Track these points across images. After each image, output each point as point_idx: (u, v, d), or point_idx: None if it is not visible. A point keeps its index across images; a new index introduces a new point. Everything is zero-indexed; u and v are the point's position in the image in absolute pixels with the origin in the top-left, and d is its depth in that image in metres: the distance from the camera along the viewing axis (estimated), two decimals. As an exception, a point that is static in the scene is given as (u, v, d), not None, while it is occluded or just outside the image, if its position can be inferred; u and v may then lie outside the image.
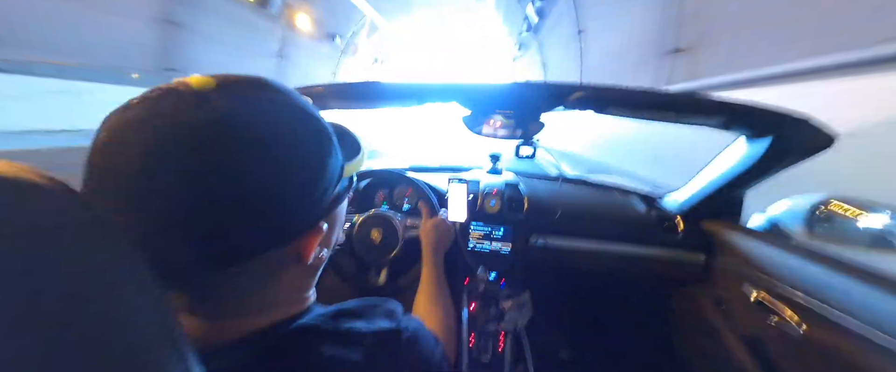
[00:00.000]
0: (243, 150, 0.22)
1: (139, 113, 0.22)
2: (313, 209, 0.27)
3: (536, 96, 0.68)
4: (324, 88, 0.68)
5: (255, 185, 0.23)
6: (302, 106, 0.27)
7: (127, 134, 0.22)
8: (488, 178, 1.15)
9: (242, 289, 0.27)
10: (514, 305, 0.90)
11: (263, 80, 0.27)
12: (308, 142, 0.26)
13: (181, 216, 0.21)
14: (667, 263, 0.98)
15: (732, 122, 0.64)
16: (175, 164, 0.21)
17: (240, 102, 0.23)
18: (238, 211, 0.23)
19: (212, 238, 0.22)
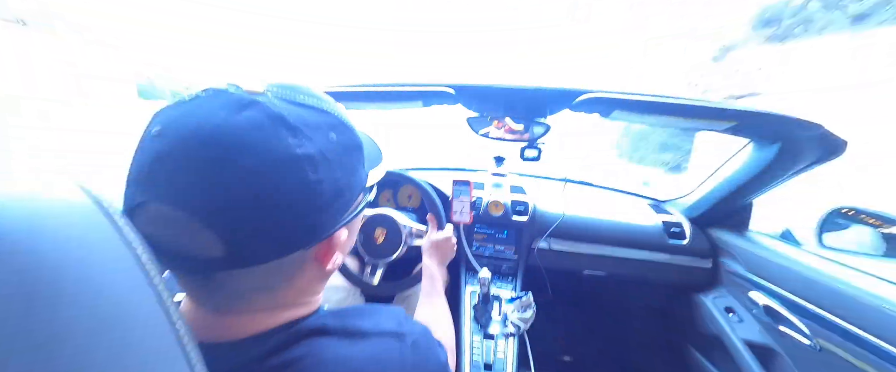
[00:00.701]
0: (283, 155, 0.23)
1: (190, 109, 0.23)
2: (339, 217, 0.28)
3: (543, 99, 0.68)
4: (325, 91, 0.69)
5: (290, 190, 0.23)
6: (342, 118, 0.28)
7: (176, 129, 0.23)
8: (493, 181, 1.15)
9: (257, 288, 0.27)
10: (517, 307, 0.89)
11: (309, 89, 0.28)
12: (343, 154, 0.27)
13: (221, 215, 0.22)
14: (673, 269, 0.96)
15: (741, 127, 0.63)
16: (217, 162, 0.22)
17: (287, 109, 0.24)
18: (271, 214, 0.23)
19: (241, 238, 0.23)
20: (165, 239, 0.22)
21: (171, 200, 0.22)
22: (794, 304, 0.71)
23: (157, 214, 0.22)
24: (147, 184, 0.22)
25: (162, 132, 0.23)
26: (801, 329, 0.68)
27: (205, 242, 0.22)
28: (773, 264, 0.78)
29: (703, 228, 1.01)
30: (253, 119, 0.23)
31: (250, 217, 0.23)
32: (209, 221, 0.22)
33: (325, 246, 0.29)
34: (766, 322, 0.77)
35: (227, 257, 0.23)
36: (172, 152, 0.22)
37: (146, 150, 0.23)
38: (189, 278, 0.26)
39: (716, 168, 0.93)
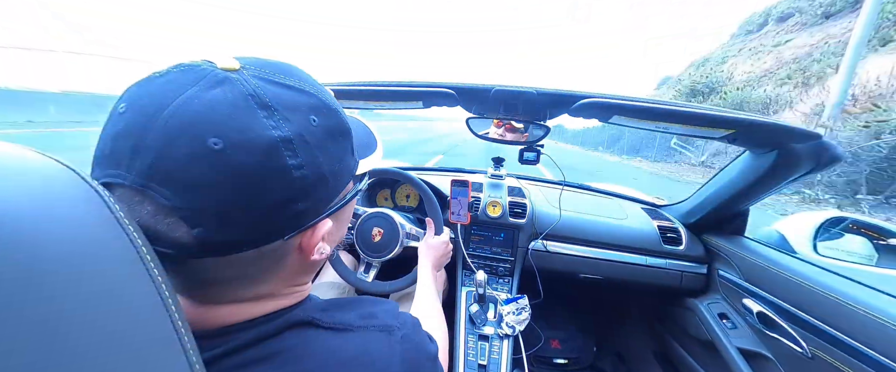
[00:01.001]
0: (257, 136, 0.21)
1: (159, 85, 0.22)
2: (323, 205, 0.27)
3: (542, 102, 0.68)
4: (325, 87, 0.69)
5: (264, 174, 0.22)
6: (326, 101, 0.26)
7: (140, 105, 0.21)
8: (491, 182, 1.15)
9: (234, 278, 0.26)
10: (512, 309, 0.89)
11: (290, 67, 0.26)
12: (327, 139, 0.25)
13: (190, 197, 0.21)
14: (668, 274, 0.97)
15: (738, 135, 0.64)
16: (186, 140, 0.20)
17: (263, 87, 0.23)
18: (242, 200, 0.22)
19: (210, 224, 0.21)
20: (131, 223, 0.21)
21: (134, 180, 0.20)
22: (788, 311, 0.71)
23: (122, 196, 0.21)
24: (110, 163, 0.21)
25: (127, 108, 0.21)
26: (794, 337, 0.69)
27: (172, 226, 0.21)
28: (768, 272, 0.78)
29: (699, 234, 1.01)
30: (224, 96, 0.21)
31: (220, 202, 0.21)
32: (175, 204, 0.20)
33: (308, 236, 0.27)
34: (760, 329, 0.77)
35: (198, 245, 0.22)
36: (134, 129, 0.20)
37: (110, 128, 0.21)
38: (163, 266, 0.25)
39: (713, 175, 0.93)
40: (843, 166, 5.04)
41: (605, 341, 1.33)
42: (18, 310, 0.13)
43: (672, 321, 1.08)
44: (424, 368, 0.33)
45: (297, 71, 0.26)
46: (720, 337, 0.83)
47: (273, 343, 0.27)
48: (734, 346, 0.80)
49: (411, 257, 0.81)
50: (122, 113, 0.21)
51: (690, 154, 6.07)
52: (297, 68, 0.27)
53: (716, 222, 0.98)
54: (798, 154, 0.65)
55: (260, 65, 0.24)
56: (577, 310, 1.41)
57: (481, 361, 0.83)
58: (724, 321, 0.86)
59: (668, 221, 1.04)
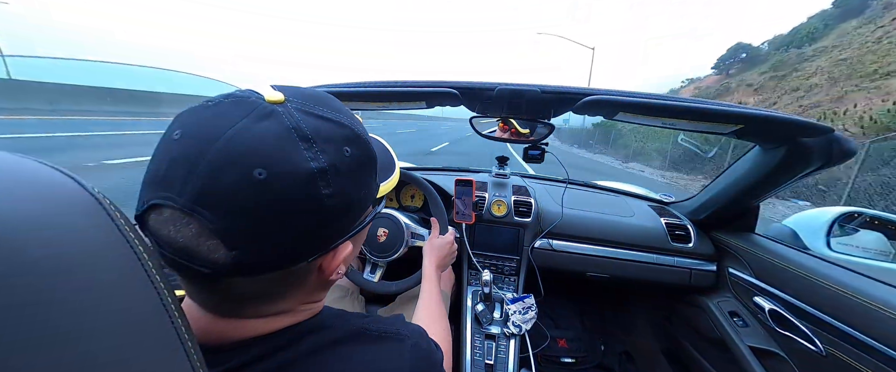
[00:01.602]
0: (297, 168, 0.23)
1: (211, 115, 0.24)
2: (348, 228, 0.28)
3: (546, 100, 0.68)
4: (329, 89, 0.69)
5: (301, 203, 0.23)
6: (358, 132, 0.28)
7: (195, 133, 0.23)
8: (495, 181, 1.15)
9: (260, 295, 0.27)
10: (518, 309, 0.89)
11: (327, 99, 0.28)
12: (356, 168, 0.27)
13: (232, 221, 0.22)
14: (676, 272, 0.95)
15: (747, 130, 0.62)
16: (233, 170, 0.22)
17: (304, 120, 0.25)
18: (279, 226, 0.23)
19: (248, 247, 0.23)
20: (175, 242, 0.23)
21: (184, 203, 0.22)
22: (801, 309, 0.70)
23: (170, 217, 0.22)
24: (162, 186, 0.22)
25: (182, 135, 0.23)
26: (808, 335, 0.67)
27: (212, 248, 0.22)
28: (780, 269, 0.77)
29: (708, 231, 1.00)
30: (271, 129, 0.23)
31: (259, 227, 0.23)
32: (218, 227, 0.22)
33: (329, 258, 0.28)
34: (772, 327, 0.76)
35: (233, 265, 0.23)
36: (189, 156, 0.22)
37: (164, 153, 0.23)
38: (194, 282, 0.26)
39: (722, 171, 0.92)
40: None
41: (613, 340, 1.32)
42: (20, 318, 0.14)
43: (681, 320, 1.06)
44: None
45: (333, 102, 0.28)
46: (731, 335, 0.82)
47: (287, 353, 0.28)
48: (746, 344, 0.79)
49: (416, 257, 0.81)
50: (177, 139, 0.23)
51: (699, 150, 5.97)
52: (332, 99, 0.29)
53: (725, 219, 0.96)
54: (809, 149, 0.63)
55: (301, 96, 0.26)
56: (584, 308, 1.40)
57: (488, 361, 0.83)
58: (734, 319, 0.85)
59: (676, 219, 1.03)
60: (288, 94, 0.26)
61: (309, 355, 0.28)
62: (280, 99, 0.25)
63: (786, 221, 0.89)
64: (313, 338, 0.30)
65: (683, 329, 1.05)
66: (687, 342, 1.03)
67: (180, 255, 0.23)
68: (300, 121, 0.24)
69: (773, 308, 0.76)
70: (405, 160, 1.38)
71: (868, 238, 0.78)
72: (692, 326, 1.00)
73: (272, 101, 0.25)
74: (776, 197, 4.87)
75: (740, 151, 2.95)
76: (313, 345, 0.29)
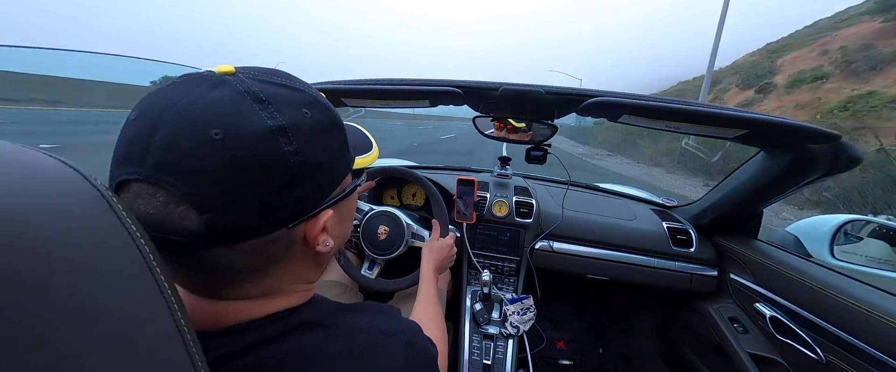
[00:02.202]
0: (254, 126, 0.23)
1: (165, 92, 0.25)
2: (322, 193, 0.28)
3: (550, 101, 0.68)
4: (332, 86, 0.69)
5: (263, 161, 0.24)
6: (315, 96, 0.29)
7: (150, 109, 0.24)
8: (497, 181, 1.15)
9: (244, 269, 0.27)
10: (516, 309, 0.89)
11: (282, 71, 0.28)
12: (320, 130, 0.27)
13: (197, 184, 0.22)
14: (677, 276, 0.95)
15: (752, 135, 0.62)
16: (190, 134, 0.22)
17: (257, 86, 0.25)
18: (245, 185, 0.23)
19: (218, 210, 0.23)
20: (147, 216, 0.23)
21: (147, 174, 0.22)
22: (802, 317, 0.69)
23: (137, 190, 0.23)
24: (125, 162, 0.23)
25: (138, 114, 0.24)
26: (809, 343, 0.67)
27: (182, 214, 0.23)
28: (782, 276, 0.76)
29: (710, 236, 0.99)
30: (223, 94, 0.24)
31: (224, 188, 0.23)
32: (184, 192, 0.22)
33: (311, 226, 0.28)
34: (772, 334, 0.75)
35: (208, 233, 0.23)
36: (145, 130, 0.23)
37: (124, 133, 0.24)
38: (175, 260, 0.25)
39: (725, 176, 0.91)
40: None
41: (612, 343, 1.32)
42: (23, 307, 0.14)
43: (681, 324, 1.06)
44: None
45: (288, 74, 0.29)
46: (731, 341, 0.81)
47: (280, 344, 0.28)
48: (745, 351, 0.78)
49: (415, 257, 0.81)
50: (134, 118, 0.24)
51: (703, 155, 5.90)
52: (287, 72, 0.29)
53: (728, 224, 0.95)
54: (815, 155, 0.63)
55: (253, 69, 0.27)
56: (584, 311, 1.40)
57: (486, 361, 0.83)
58: (735, 325, 0.84)
59: (678, 223, 1.02)
60: (240, 68, 0.26)
61: (301, 347, 0.28)
62: (231, 70, 0.26)
63: (789, 228, 0.88)
64: (306, 329, 0.29)
65: (683, 334, 1.05)
66: (686, 347, 1.03)
67: (155, 229, 0.23)
68: (253, 86, 0.25)
69: (773, 315, 0.75)
70: (421, 144, 1.37)
71: (872, 247, 0.77)
72: (692, 330, 0.99)
73: (223, 72, 0.25)
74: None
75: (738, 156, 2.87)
76: (307, 336, 0.29)
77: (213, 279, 0.27)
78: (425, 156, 8.09)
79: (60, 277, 0.15)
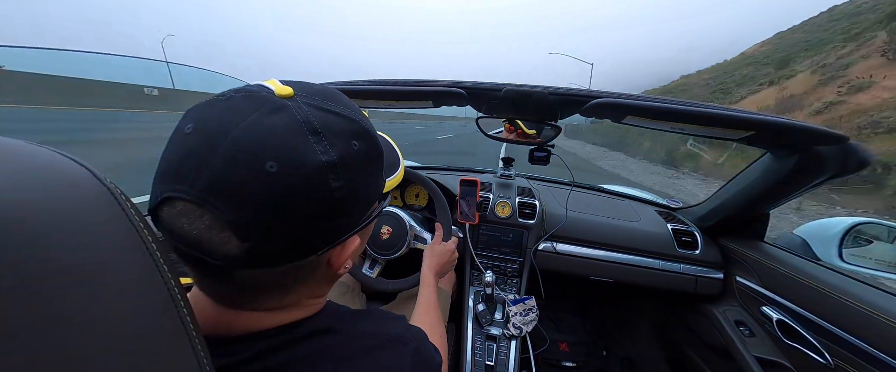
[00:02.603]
0: (308, 161, 0.23)
1: (223, 109, 0.24)
2: (356, 222, 0.28)
3: (554, 102, 0.67)
4: (338, 88, 0.70)
5: (311, 196, 0.24)
6: (366, 127, 0.28)
7: (207, 126, 0.23)
8: (500, 182, 1.15)
9: (269, 286, 0.27)
10: (519, 310, 0.89)
11: (335, 93, 0.28)
12: (364, 162, 0.27)
13: (244, 212, 0.22)
14: (682, 278, 0.94)
15: (759, 137, 0.61)
16: (245, 162, 0.22)
17: (314, 114, 0.25)
18: (290, 218, 0.23)
19: (260, 239, 0.23)
20: (188, 235, 0.23)
21: (196, 195, 0.22)
22: (810, 320, 0.68)
23: (183, 209, 0.23)
24: (175, 179, 0.23)
25: (194, 129, 0.23)
26: (817, 347, 0.66)
27: (224, 240, 0.23)
28: (789, 279, 0.75)
29: (716, 238, 0.98)
30: (282, 122, 0.23)
31: (270, 219, 0.23)
32: (230, 219, 0.22)
33: (338, 252, 0.29)
34: (779, 338, 0.74)
35: (245, 257, 0.23)
36: (202, 148, 0.22)
37: (177, 147, 0.23)
38: (206, 275, 0.26)
39: (731, 177, 0.90)
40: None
41: (615, 346, 1.31)
42: (30, 302, 0.14)
43: (685, 327, 1.05)
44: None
45: (340, 97, 0.29)
46: (737, 345, 0.80)
47: (292, 352, 0.28)
48: (752, 354, 0.77)
49: (416, 258, 0.81)
50: (189, 133, 0.23)
51: (707, 156, 5.82)
52: (339, 94, 0.29)
53: (734, 226, 0.94)
54: (823, 157, 0.62)
55: (309, 92, 0.27)
56: (587, 313, 1.39)
57: (489, 362, 0.83)
58: (740, 328, 0.83)
59: (683, 225, 1.01)
60: (296, 88, 0.26)
61: (312, 353, 0.29)
62: (290, 93, 0.25)
63: (796, 230, 0.87)
64: (319, 340, 0.30)
65: (687, 337, 1.04)
66: (691, 350, 1.02)
67: (193, 247, 0.23)
68: (310, 114, 0.25)
69: (780, 318, 0.74)
70: (420, 143, 1.37)
71: (882, 250, 0.76)
72: (696, 334, 0.98)
73: (282, 96, 0.25)
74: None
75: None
76: (318, 343, 0.30)
77: (240, 294, 0.27)
78: (424, 157, 8.13)
79: (67, 271, 0.15)
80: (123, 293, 0.17)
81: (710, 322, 0.91)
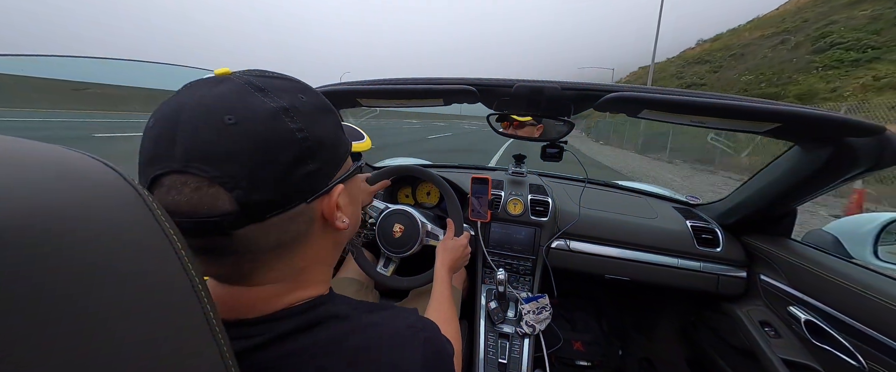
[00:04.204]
0: (260, 109, 0.26)
1: (175, 99, 0.27)
2: (330, 169, 0.31)
3: (567, 97, 0.66)
4: (349, 87, 0.71)
5: (274, 138, 0.26)
6: (307, 86, 0.32)
7: (164, 112, 0.26)
8: (512, 179, 1.14)
9: (272, 246, 0.29)
10: (532, 308, 0.88)
11: (271, 71, 0.32)
12: (316, 111, 0.30)
13: (222, 165, 0.25)
14: (702, 277, 0.91)
15: (786, 129, 0.58)
16: (207, 123, 0.25)
17: (254, 79, 0.28)
18: (264, 162, 0.26)
19: (249, 183, 0.25)
20: (180, 205, 0.25)
21: (177, 165, 0.25)
22: (841, 321, 0.65)
23: (170, 183, 0.25)
24: (154, 161, 0.25)
25: (155, 121, 0.26)
26: (848, 349, 0.62)
27: (214, 195, 0.25)
28: (819, 278, 0.72)
29: (738, 235, 0.94)
30: (227, 88, 0.27)
31: (247, 165, 0.25)
32: (212, 175, 0.24)
33: (327, 202, 0.31)
34: (808, 339, 0.71)
35: (239, 208, 0.25)
36: (166, 130, 0.25)
37: (146, 139, 0.26)
38: (208, 245, 0.27)
39: (755, 172, 0.86)
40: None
41: (632, 345, 1.28)
42: (63, 303, 0.14)
43: (706, 327, 1.01)
44: (443, 370, 0.35)
45: (277, 72, 0.32)
46: (762, 346, 0.77)
47: (308, 337, 0.29)
48: (778, 356, 0.74)
49: (429, 256, 0.81)
50: (152, 125, 0.27)
51: (730, 150, 5.30)
52: (276, 71, 0.32)
53: (758, 223, 0.90)
54: (856, 150, 0.58)
55: (246, 71, 0.30)
56: (602, 312, 1.37)
57: (502, 360, 0.82)
58: (766, 329, 0.80)
59: (703, 222, 0.98)
60: (234, 71, 0.30)
61: (326, 341, 0.29)
62: (228, 71, 0.29)
63: (826, 227, 0.83)
64: (331, 327, 0.31)
65: (709, 337, 1.00)
66: (712, 351, 0.98)
67: (189, 214, 0.25)
68: (252, 80, 0.28)
69: (809, 319, 0.71)
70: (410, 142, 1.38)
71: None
72: (719, 334, 0.95)
73: (220, 74, 0.28)
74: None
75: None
76: (331, 329, 0.30)
77: (244, 261, 0.29)
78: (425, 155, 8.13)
79: (99, 272, 0.16)
80: (153, 291, 0.18)
81: (733, 322, 0.87)
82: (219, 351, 0.21)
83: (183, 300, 0.20)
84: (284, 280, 0.31)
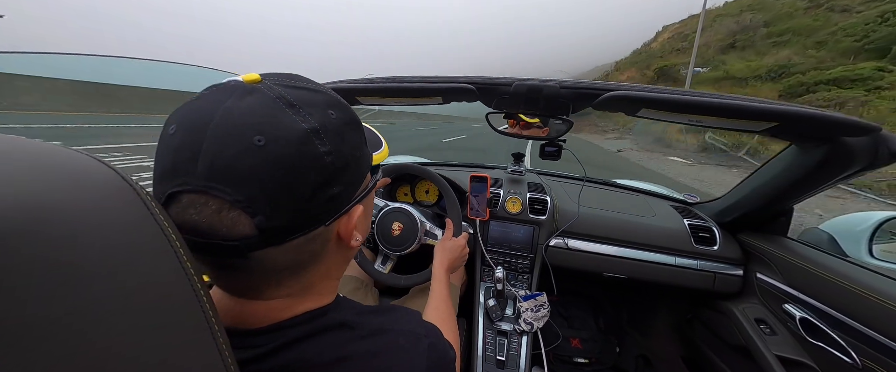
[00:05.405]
0: (291, 130, 0.24)
1: (198, 104, 0.25)
2: (352, 190, 0.29)
3: (565, 96, 0.66)
4: (348, 85, 0.71)
5: (303, 162, 0.24)
6: (337, 98, 0.30)
7: (188, 121, 0.24)
8: (510, 177, 1.14)
9: (287, 267, 0.28)
10: (530, 306, 0.89)
11: (300, 76, 0.30)
12: (345, 129, 0.28)
13: (246, 189, 0.23)
14: (700, 275, 0.92)
15: (783, 128, 0.58)
16: (234, 142, 0.23)
17: (285, 91, 0.26)
18: (290, 186, 0.24)
19: (271, 209, 0.24)
20: (198, 225, 0.23)
21: (198, 184, 0.23)
22: (836, 319, 0.65)
23: (188, 201, 0.23)
24: (173, 176, 0.24)
25: (177, 128, 0.24)
26: (843, 347, 0.63)
27: (235, 219, 0.23)
28: (814, 276, 0.72)
29: (735, 233, 0.95)
30: (257, 101, 0.25)
31: (272, 190, 0.24)
32: (235, 199, 0.23)
33: (344, 222, 0.30)
34: (803, 337, 0.72)
35: (260, 233, 0.24)
36: (189, 142, 0.23)
37: (165, 148, 0.24)
38: (224, 266, 0.26)
39: (753, 171, 0.87)
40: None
41: (629, 343, 1.29)
42: (59, 302, 0.14)
43: (703, 325, 1.02)
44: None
45: (306, 78, 0.30)
46: (757, 343, 0.78)
47: (311, 345, 0.29)
48: (773, 353, 0.75)
49: (427, 253, 0.81)
50: (173, 133, 0.24)
51: (728, 149, 5.26)
52: (304, 76, 0.30)
53: (755, 222, 0.91)
54: (852, 149, 0.59)
55: (275, 75, 0.28)
56: (600, 310, 1.38)
57: (500, 357, 0.83)
58: (761, 327, 0.81)
59: (701, 220, 0.99)
60: (263, 75, 0.28)
61: (330, 347, 0.29)
62: (257, 78, 0.27)
63: (822, 226, 0.83)
64: (336, 335, 0.31)
65: (705, 335, 1.01)
66: (708, 348, 0.99)
67: (207, 236, 0.24)
68: (282, 92, 0.26)
69: (804, 317, 0.72)
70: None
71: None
72: (715, 331, 0.96)
73: (250, 81, 0.26)
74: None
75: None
76: (335, 336, 0.30)
77: (259, 280, 0.28)
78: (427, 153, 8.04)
79: (96, 271, 0.16)
80: (150, 292, 0.18)
81: (729, 320, 0.88)
82: (219, 353, 0.21)
83: (183, 301, 0.20)
84: (293, 295, 0.31)
